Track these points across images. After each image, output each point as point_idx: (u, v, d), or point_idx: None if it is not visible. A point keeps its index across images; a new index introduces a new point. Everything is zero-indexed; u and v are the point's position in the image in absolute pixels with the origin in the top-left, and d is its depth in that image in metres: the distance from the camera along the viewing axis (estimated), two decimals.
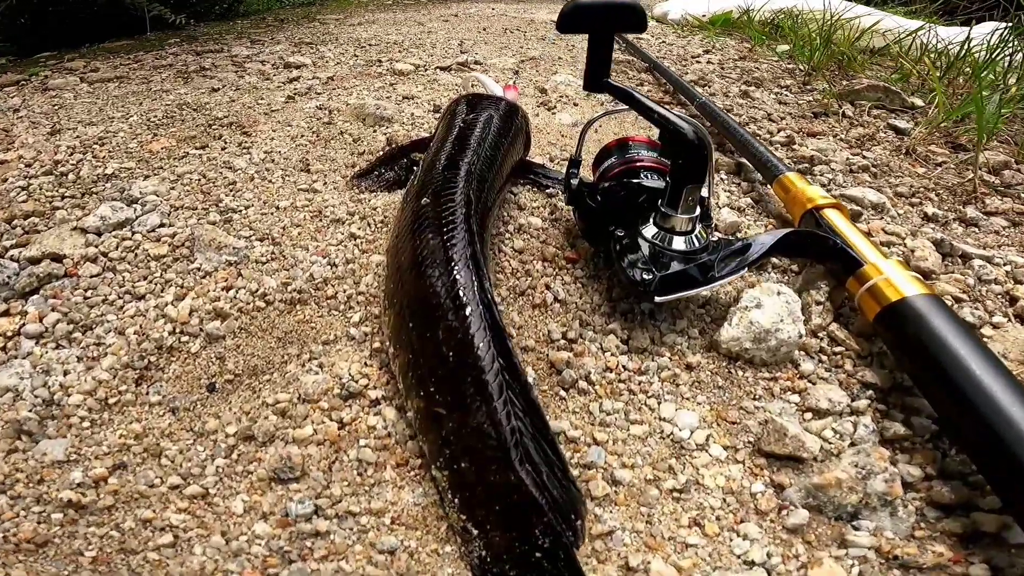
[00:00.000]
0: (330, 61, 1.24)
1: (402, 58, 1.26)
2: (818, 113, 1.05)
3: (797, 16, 2.28)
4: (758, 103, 1.10)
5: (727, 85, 1.19)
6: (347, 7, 2.26)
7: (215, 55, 1.32)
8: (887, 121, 1.04)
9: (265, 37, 1.54)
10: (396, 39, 1.49)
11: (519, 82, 1.02)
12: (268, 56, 1.29)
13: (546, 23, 1.95)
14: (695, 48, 1.65)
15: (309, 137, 0.79)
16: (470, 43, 1.46)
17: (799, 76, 1.35)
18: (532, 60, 1.28)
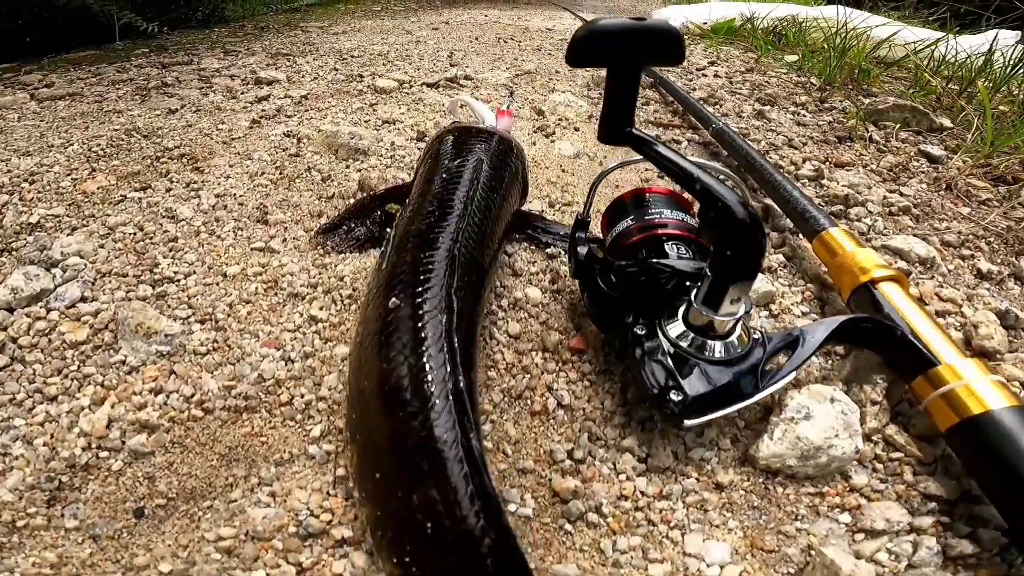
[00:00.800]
0: (306, 75, 1.13)
1: (385, 72, 1.16)
2: (842, 137, 0.96)
3: (801, 23, 2.20)
4: (775, 124, 1.00)
5: (739, 103, 1.10)
6: (333, 14, 2.15)
7: (182, 68, 1.21)
8: (918, 147, 0.95)
9: (241, 47, 1.44)
10: (381, 49, 1.39)
11: (514, 104, 0.92)
12: (239, 69, 1.18)
13: (541, 31, 1.85)
14: (699, 58, 1.56)
15: (271, 174, 0.69)
16: (461, 54, 1.35)
17: (812, 91, 1.26)
18: (528, 75, 1.18)
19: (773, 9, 2.15)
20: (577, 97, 1.03)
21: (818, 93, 1.23)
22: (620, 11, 3.10)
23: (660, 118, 0.99)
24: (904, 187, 0.78)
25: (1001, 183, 0.86)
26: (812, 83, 1.38)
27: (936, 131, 1.06)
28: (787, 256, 0.60)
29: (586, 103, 1.00)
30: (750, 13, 2.11)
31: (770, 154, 0.86)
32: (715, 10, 2.17)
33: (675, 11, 2.29)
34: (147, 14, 1.76)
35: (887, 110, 1.06)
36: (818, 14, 2.16)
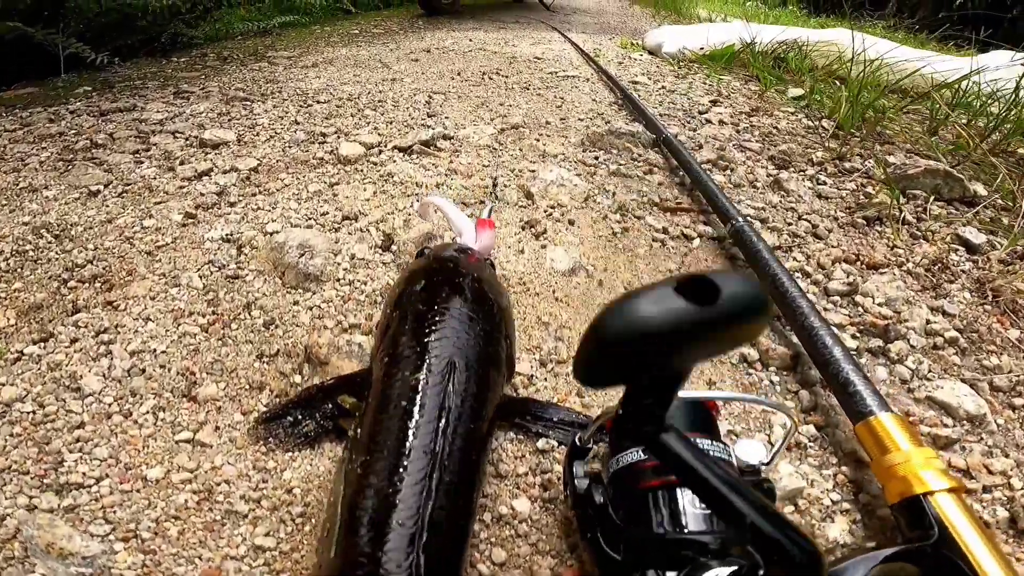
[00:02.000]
0: (261, 133, 1.00)
1: (352, 128, 1.03)
2: (871, 219, 0.86)
3: (802, 47, 2.10)
4: (794, 199, 0.90)
5: (752, 165, 1.00)
6: (306, 39, 2.01)
7: (121, 118, 1.08)
8: (954, 230, 0.84)
9: (195, 86, 1.30)
10: (351, 91, 1.26)
11: (497, 205, 0.79)
12: (185, 122, 1.04)
13: (529, 61, 1.73)
14: (700, 94, 1.45)
15: (202, 311, 0.56)
16: (440, 98, 1.23)
17: (827, 138, 1.16)
18: (514, 130, 1.06)
19: (772, 32, 2.05)
20: (571, 170, 0.91)
21: (834, 144, 1.13)
22: (610, 29, 2.98)
23: (666, 196, 0.88)
24: (947, 301, 0.68)
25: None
26: (824, 127, 1.28)
27: (970, 201, 0.96)
28: (819, 428, 0.49)
29: (582, 179, 0.88)
30: (749, 37, 2.01)
31: (793, 252, 0.75)
32: (713, 34, 2.06)
33: (670, 35, 2.18)
34: (97, 42, 1.62)
35: (917, 176, 0.96)
36: (819, 38, 2.07)
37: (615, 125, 1.05)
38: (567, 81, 1.47)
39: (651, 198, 0.85)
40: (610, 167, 0.93)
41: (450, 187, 0.83)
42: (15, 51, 1.49)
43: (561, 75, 1.52)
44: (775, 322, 0.60)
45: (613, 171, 0.93)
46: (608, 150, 0.99)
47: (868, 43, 2.03)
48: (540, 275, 0.64)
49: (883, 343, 0.60)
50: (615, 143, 1.01)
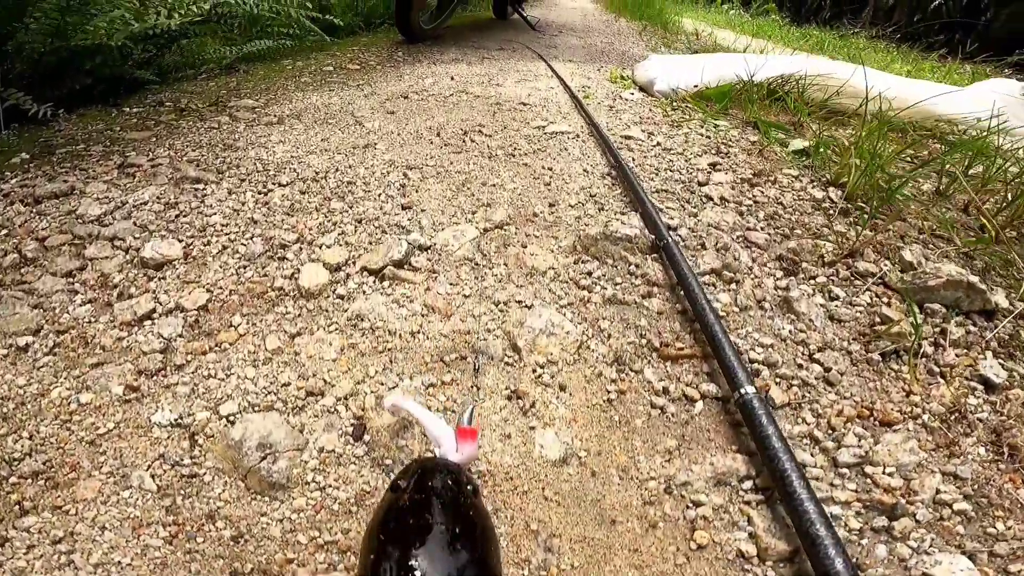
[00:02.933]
0: (212, 241, 0.90)
1: (317, 229, 0.93)
2: (887, 353, 0.78)
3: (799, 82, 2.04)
4: (804, 323, 0.82)
5: (759, 276, 0.91)
6: (274, 79, 1.89)
7: (58, 207, 0.97)
8: (974, 362, 0.77)
9: (143, 154, 1.18)
10: (318, 166, 1.15)
11: (478, 411, 0.68)
12: (126, 222, 0.93)
13: (514, 107, 1.63)
14: (696, 151, 1.37)
15: (160, 520, 0.46)
16: (416, 176, 1.13)
17: (836, 218, 1.07)
18: (499, 230, 0.96)
19: (768, 65, 1.97)
20: (561, 303, 0.82)
21: (843, 226, 1.04)
22: (598, 54, 2.90)
23: (666, 334, 0.78)
24: (960, 462, 0.60)
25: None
26: (831, 198, 1.20)
27: (991, 314, 0.88)
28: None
29: (574, 320, 0.79)
30: (744, 73, 1.93)
31: (803, 410, 0.67)
32: (708, 70, 1.98)
33: (662, 69, 2.10)
34: (43, 87, 1.49)
35: (938, 288, 0.88)
36: (816, 70, 2.00)
37: (611, 227, 0.96)
38: (555, 140, 1.37)
39: (650, 338, 0.76)
40: (605, 291, 0.85)
41: (427, 334, 0.73)
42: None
43: (549, 132, 1.42)
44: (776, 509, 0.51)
45: (609, 297, 0.84)
46: (603, 260, 0.91)
47: (864, 75, 1.97)
48: (528, 467, 0.54)
49: (888, 521, 0.52)
50: (610, 250, 0.92)
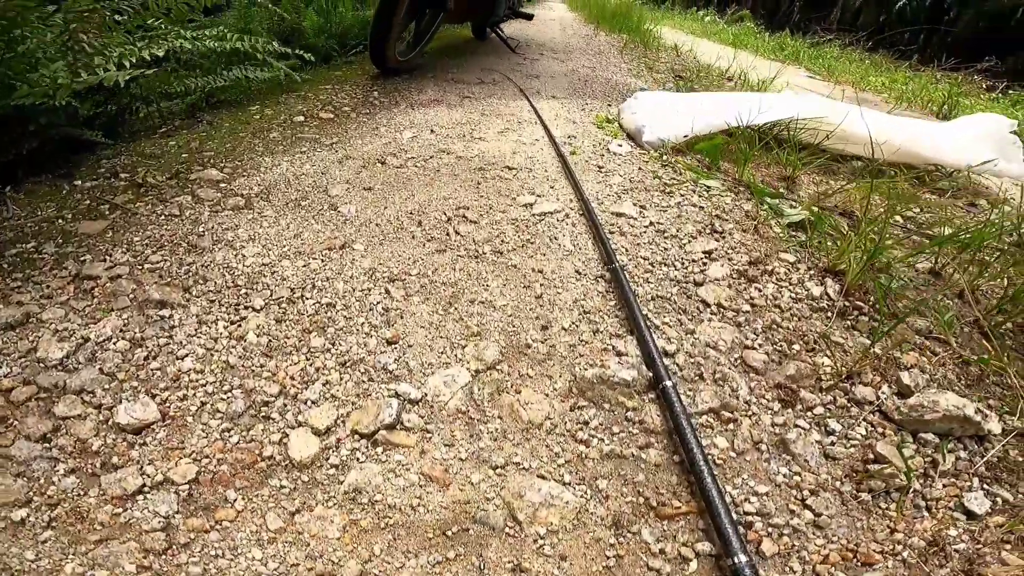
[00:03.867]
0: (189, 395, 0.83)
1: (300, 378, 0.87)
2: (877, 492, 0.79)
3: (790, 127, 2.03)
4: (799, 464, 0.83)
5: (757, 413, 0.90)
6: (241, 135, 1.79)
7: (17, 340, 0.90)
8: (960, 496, 0.79)
9: (99, 260, 1.09)
10: (293, 280, 1.08)
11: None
12: (92, 370, 0.85)
13: (499, 174, 1.57)
14: (691, 231, 1.34)
15: None
16: (399, 294, 1.07)
17: (834, 321, 1.05)
18: (491, 371, 0.91)
19: (757, 106, 1.95)
20: (560, 468, 0.79)
21: (841, 334, 1.02)
22: (581, 84, 2.85)
23: (662, 489, 0.75)
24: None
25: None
26: (830, 295, 1.18)
27: (984, 440, 0.88)
28: None
29: (574, 490, 0.76)
30: (735, 120, 1.91)
31: (791, 559, 0.67)
32: (698, 119, 1.95)
33: (650, 115, 2.06)
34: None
35: (933, 421, 0.87)
36: (807, 113, 1.98)
37: (608, 369, 0.92)
38: (544, 225, 1.33)
39: (648, 496, 0.75)
40: (603, 444, 0.82)
41: (427, 507, 0.70)
42: None
43: (537, 213, 1.38)
44: None
45: (607, 453, 0.81)
46: (600, 406, 0.88)
47: (853, 114, 1.97)
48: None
49: None
50: (607, 395, 0.90)
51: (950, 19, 6.70)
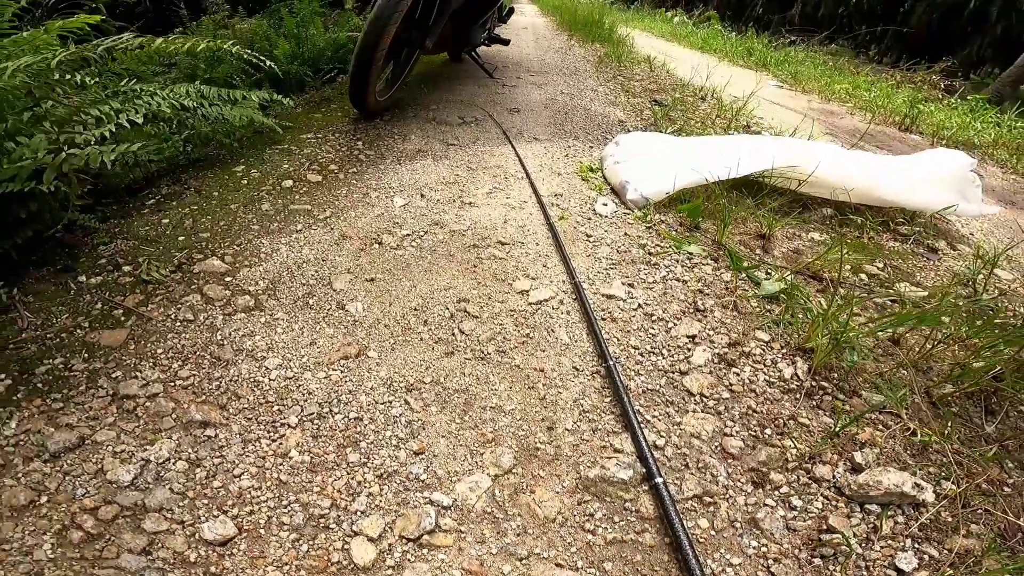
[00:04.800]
0: (255, 510, 1.00)
1: (345, 490, 1.05)
2: (827, 557, 1.04)
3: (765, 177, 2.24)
4: (767, 536, 1.06)
5: (735, 496, 1.12)
6: (231, 208, 1.91)
7: (80, 462, 1.05)
8: (893, 557, 1.04)
9: (131, 375, 1.23)
10: (319, 395, 1.25)
11: None
12: (160, 480, 1.01)
13: (492, 251, 1.74)
14: (675, 314, 1.55)
15: None
16: (418, 405, 1.25)
17: (802, 402, 1.27)
18: (508, 475, 1.10)
19: (735, 156, 2.16)
20: (573, 556, 0.98)
21: (807, 415, 1.23)
22: (562, 118, 3.02)
23: (657, 567, 0.96)
24: None
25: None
26: (799, 375, 1.39)
27: (920, 506, 1.12)
28: None
29: (585, 573, 0.95)
30: (711, 174, 2.12)
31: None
32: (680, 174, 2.14)
33: (633, 167, 2.25)
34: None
35: (877, 496, 1.11)
36: (783, 163, 2.20)
37: (608, 469, 1.12)
38: (540, 315, 1.52)
39: (644, 573, 0.98)
40: (607, 532, 1.02)
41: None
42: None
43: (533, 302, 1.56)
44: None
45: (610, 540, 1.01)
46: (602, 499, 1.08)
47: (823, 155, 2.21)
48: None
49: None
50: (608, 490, 1.10)
51: (905, 11, 7.12)
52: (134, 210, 1.94)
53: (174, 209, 1.93)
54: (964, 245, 2.21)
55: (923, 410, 1.36)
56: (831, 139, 3.38)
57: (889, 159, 2.52)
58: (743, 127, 3.25)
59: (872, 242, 2.07)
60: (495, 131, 2.79)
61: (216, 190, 2.07)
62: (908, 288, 1.81)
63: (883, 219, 2.21)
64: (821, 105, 4.36)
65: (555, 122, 3.01)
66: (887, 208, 2.26)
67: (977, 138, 3.62)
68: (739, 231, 2.04)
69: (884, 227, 2.19)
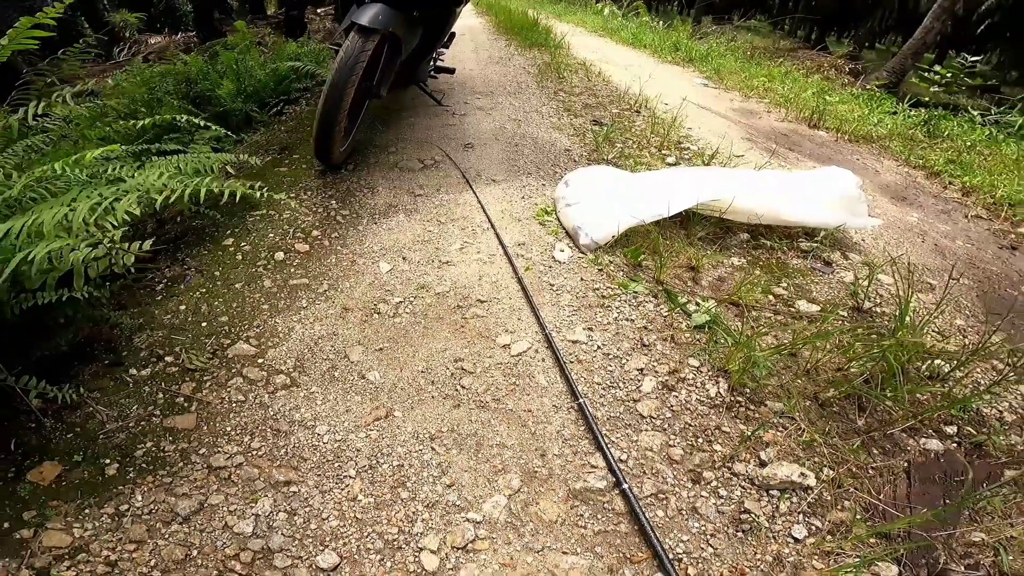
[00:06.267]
0: (348, 542, 1.54)
1: (406, 521, 1.60)
2: (746, 531, 1.66)
3: (699, 210, 2.86)
4: (705, 519, 1.66)
5: (680, 492, 1.73)
6: (236, 286, 2.37)
7: (208, 522, 1.53)
8: (790, 528, 1.64)
9: (215, 450, 1.73)
10: (367, 452, 1.79)
11: None
12: (272, 528, 1.53)
13: (475, 311, 2.29)
14: (627, 350, 2.15)
15: None
16: (442, 449, 1.80)
17: (724, 414, 1.90)
18: (518, 494, 1.68)
19: (670, 191, 2.78)
20: (574, 546, 1.57)
21: (729, 423, 1.87)
22: (514, 151, 3.57)
23: (633, 548, 1.56)
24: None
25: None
26: (721, 393, 2.03)
27: (807, 490, 1.76)
28: None
29: (583, 556, 1.57)
30: (652, 215, 2.73)
31: (704, 573, 1.47)
32: (623, 216, 2.74)
33: (582, 210, 2.83)
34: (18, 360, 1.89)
35: (776, 484, 1.74)
36: (707, 198, 2.83)
37: (588, 482, 1.71)
38: (522, 365, 2.09)
39: (623, 552, 1.57)
40: (594, 527, 1.62)
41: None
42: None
43: (514, 354, 2.13)
44: None
45: (597, 531, 1.61)
46: (588, 503, 1.68)
47: (748, 186, 2.86)
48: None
49: None
50: (591, 497, 1.68)
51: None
52: (147, 296, 2.37)
53: (184, 294, 2.37)
54: (855, 254, 2.93)
55: (812, 412, 2.02)
56: (749, 144, 4.09)
57: (792, 179, 3.21)
58: (675, 144, 3.90)
59: (779, 262, 2.75)
60: (455, 173, 3.31)
61: (216, 269, 2.52)
62: (806, 303, 2.49)
63: (788, 238, 2.90)
64: (742, 104, 5.09)
65: (508, 158, 3.56)
66: (792, 228, 2.95)
67: (874, 131, 4.42)
68: (673, 264, 2.67)
69: (789, 245, 2.88)
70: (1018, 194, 3.62)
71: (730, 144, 3.80)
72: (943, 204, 3.63)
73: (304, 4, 8.21)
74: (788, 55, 7.54)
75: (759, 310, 2.42)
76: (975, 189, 3.77)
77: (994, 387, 2.08)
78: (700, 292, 2.50)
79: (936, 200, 3.67)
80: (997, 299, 2.70)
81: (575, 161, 3.56)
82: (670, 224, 2.85)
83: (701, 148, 3.84)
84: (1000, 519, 1.67)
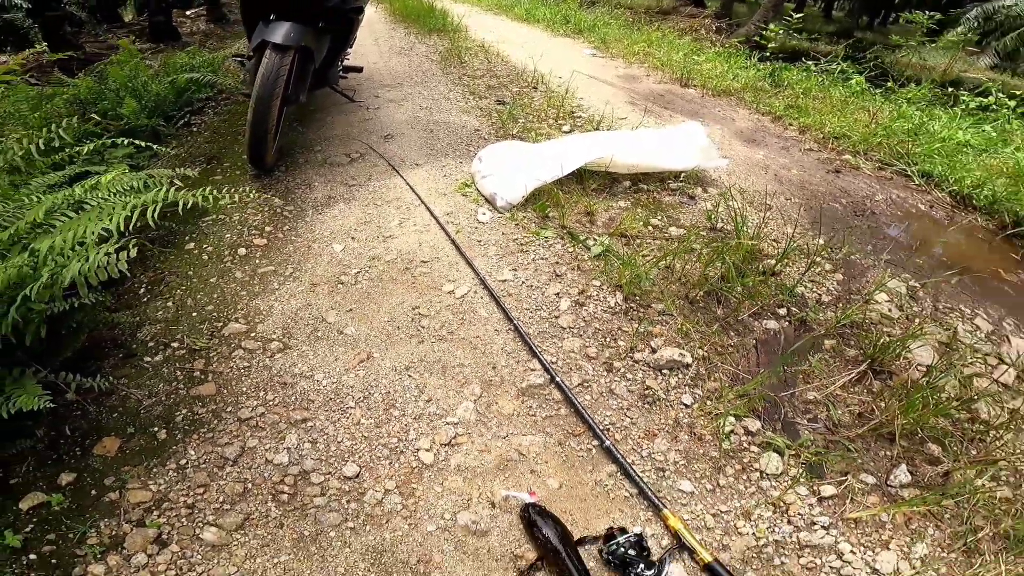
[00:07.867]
0: (378, 453, 2.08)
1: (404, 432, 2.16)
2: (650, 402, 2.32)
3: (587, 168, 3.52)
4: (621, 397, 2.32)
5: (599, 379, 2.38)
6: (211, 280, 2.80)
7: (249, 462, 2.03)
8: (680, 397, 2.35)
9: (240, 439, 2.21)
10: (360, 387, 2.32)
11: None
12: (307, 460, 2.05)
13: (421, 269, 2.85)
14: (545, 281, 2.79)
15: None
16: (417, 375, 2.38)
17: (623, 317, 2.58)
18: (481, 398, 2.29)
19: (564, 155, 3.41)
20: (530, 428, 2.22)
21: (627, 325, 2.55)
22: (429, 136, 4.08)
23: (568, 427, 2.23)
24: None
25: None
26: (619, 302, 2.71)
27: (687, 367, 2.48)
28: None
29: (538, 436, 2.21)
30: (550, 175, 3.36)
31: (626, 438, 2.16)
32: (530, 179, 3.36)
33: (496, 180, 3.42)
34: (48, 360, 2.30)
35: (666, 365, 2.44)
36: (595, 156, 3.49)
37: (530, 380, 2.34)
38: (466, 304, 2.67)
39: (566, 428, 2.20)
40: (542, 412, 2.25)
41: (483, 463, 2.06)
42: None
43: (458, 296, 2.71)
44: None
45: (544, 416, 2.24)
46: (534, 397, 2.30)
47: (627, 144, 3.55)
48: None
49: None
50: (536, 392, 2.31)
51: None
52: (134, 299, 2.75)
53: (167, 293, 2.77)
54: (713, 188, 3.71)
55: (685, 308, 2.74)
56: (632, 107, 4.81)
57: (660, 135, 3.94)
58: (569, 114, 4.54)
59: (654, 201, 3.46)
60: (381, 163, 3.80)
61: (188, 269, 2.92)
62: (675, 228, 3.22)
63: (661, 181, 3.63)
64: (626, 71, 5.82)
65: (426, 143, 4.08)
66: (663, 173, 3.68)
67: (731, 85, 5.27)
68: (573, 212, 3.33)
69: (662, 187, 3.61)
70: (842, 129, 4.55)
71: (614, 109, 4.50)
72: (784, 142, 4.51)
73: (169, 8, 7.87)
74: (667, 17, 8.40)
75: (641, 238, 3.12)
76: (809, 127, 4.68)
77: (808, 274, 2.89)
78: (596, 231, 3.18)
79: (778, 139, 4.54)
80: (821, 211, 3.55)
81: (485, 139, 4.13)
82: (568, 181, 3.49)
83: (591, 115, 4.51)
84: (825, 379, 2.41)
